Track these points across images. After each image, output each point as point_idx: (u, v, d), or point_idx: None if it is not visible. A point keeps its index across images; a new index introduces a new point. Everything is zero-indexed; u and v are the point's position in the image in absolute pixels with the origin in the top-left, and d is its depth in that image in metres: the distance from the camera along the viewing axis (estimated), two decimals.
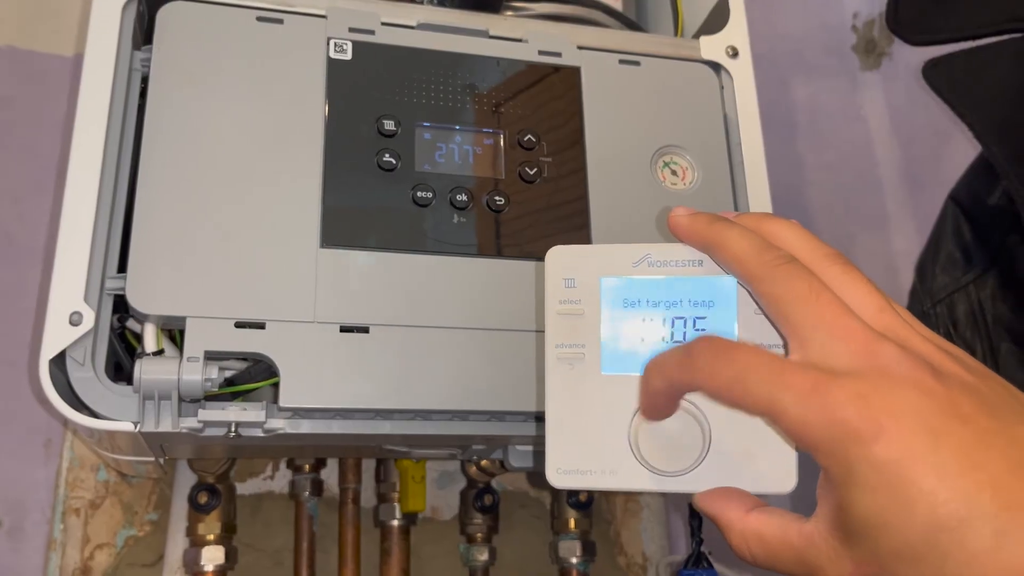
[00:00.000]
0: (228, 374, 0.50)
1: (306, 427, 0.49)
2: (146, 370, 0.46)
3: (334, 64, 0.54)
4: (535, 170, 0.55)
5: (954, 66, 0.61)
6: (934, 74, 0.61)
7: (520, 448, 0.56)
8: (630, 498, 0.84)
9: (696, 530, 0.61)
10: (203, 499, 0.67)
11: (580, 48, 0.59)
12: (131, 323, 0.51)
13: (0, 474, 0.75)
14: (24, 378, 0.76)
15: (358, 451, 0.72)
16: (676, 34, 0.67)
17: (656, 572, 0.82)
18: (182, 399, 0.47)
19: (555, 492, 0.77)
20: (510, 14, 0.63)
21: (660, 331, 0.35)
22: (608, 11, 0.65)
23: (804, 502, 0.32)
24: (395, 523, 0.73)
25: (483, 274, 0.52)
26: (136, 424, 0.46)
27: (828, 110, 1.05)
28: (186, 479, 0.71)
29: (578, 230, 0.54)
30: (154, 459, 0.57)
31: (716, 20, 0.64)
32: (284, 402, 0.47)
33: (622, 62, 0.60)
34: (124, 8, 0.52)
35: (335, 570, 0.73)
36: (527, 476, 0.80)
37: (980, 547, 0.25)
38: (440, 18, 0.58)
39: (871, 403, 0.27)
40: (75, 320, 0.46)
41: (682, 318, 0.35)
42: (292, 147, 0.51)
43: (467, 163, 0.54)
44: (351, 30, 0.55)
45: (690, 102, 0.60)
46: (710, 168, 0.58)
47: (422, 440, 0.53)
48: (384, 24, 0.56)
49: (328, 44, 0.54)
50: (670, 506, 0.86)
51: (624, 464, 0.35)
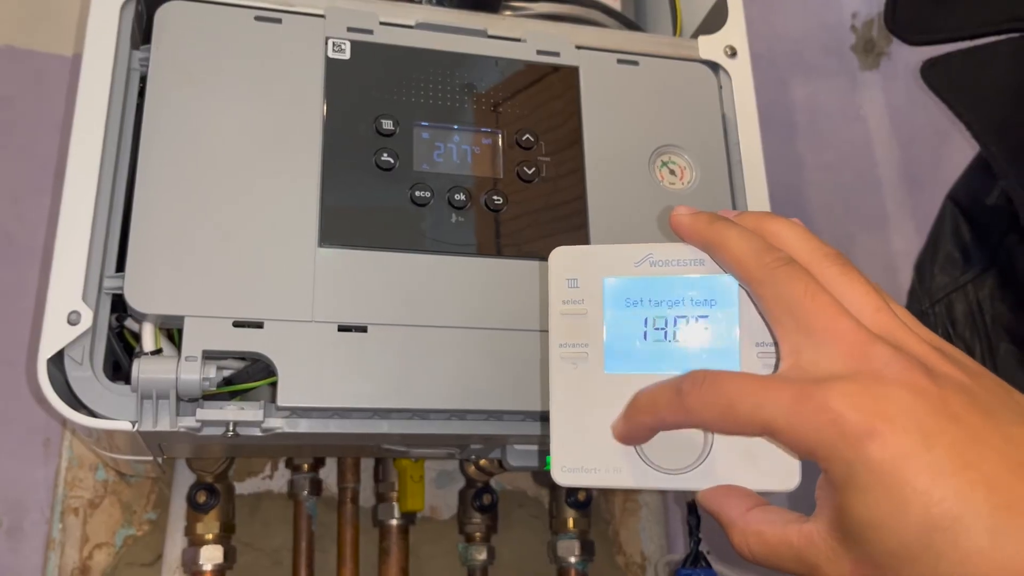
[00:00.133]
0: (226, 373, 0.50)
1: (304, 426, 0.49)
2: (144, 369, 0.46)
3: (332, 64, 0.54)
4: (533, 170, 0.55)
5: (952, 66, 0.61)
6: (933, 74, 0.61)
7: (518, 447, 0.56)
8: (628, 497, 0.84)
9: (694, 529, 0.61)
10: (202, 498, 0.67)
11: (578, 48, 0.59)
12: (129, 322, 0.51)
13: (0, 473, 0.75)
14: (23, 378, 0.76)
15: (357, 450, 0.72)
16: (675, 34, 0.67)
17: (654, 571, 0.82)
18: (180, 398, 0.47)
19: (554, 491, 0.77)
20: (508, 14, 0.63)
21: (662, 331, 0.35)
22: (607, 11, 0.65)
23: (805, 502, 0.32)
24: (394, 522, 0.73)
25: (481, 274, 0.52)
26: (134, 423, 0.46)
27: (827, 110, 1.05)
28: (185, 478, 0.71)
29: (577, 230, 0.54)
30: (152, 458, 0.57)
31: (714, 20, 0.64)
32: (282, 401, 0.47)
33: (620, 62, 0.60)
34: (123, 8, 0.52)
35: (334, 569, 0.73)
36: (532, 474, 0.80)
37: (974, 546, 0.25)
38: (438, 18, 0.58)
39: (863, 405, 0.27)
40: (73, 319, 0.46)
41: (684, 317, 0.35)
42: (290, 146, 0.51)
43: (465, 163, 0.54)
44: (349, 30, 0.55)
45: (689, 102, 0.60)
46: (708, 168, 0.58)
47: (420, 439, 0.53)
48: (382, 24, 0.56)
49: (326, 44, 0.54)
50: (669, 505, 0.86)
51: (628, 462, 0.35)
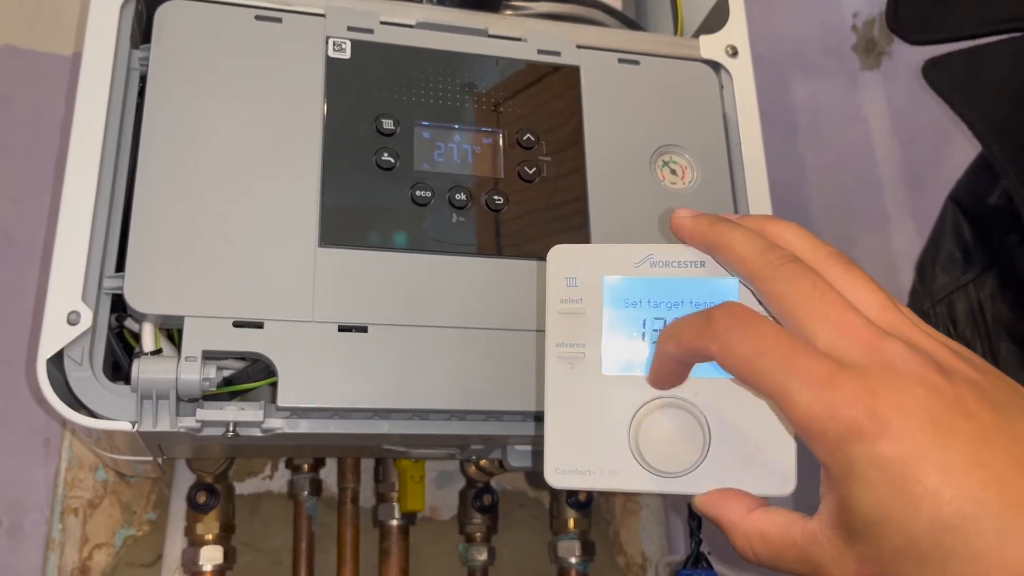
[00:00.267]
0: (226, 373, 0.49)
1: (304, 427, 0.49)
2: (144, 369, 0.46)
3: (333, 63, 0.54)
4: (534, 169, 0.55)
5: (954, 65, 0.61)
6: (934, 73, 0.61)
7: (519, 448, 0.56)
8: (629, 498, 0.84)
9: (695, 530, 0.60)
10: (202, 499, 0.67)
11: (579, 47, 0.59)
12: (129, 322, 0.51)
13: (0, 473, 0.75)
14: (22, 378, 0.76)
15: (357, 451, 0.72)
16: (676, 33, 0.67)
17: (655, 572, 0.82)
18: (180, 399, 0.47)
19: (554, 492, 0.77)
20: (509, 13, 0.63)
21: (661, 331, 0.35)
22: (607, 10, 0.65)
23: (805, 502, 0.32)
24: (394, 523, 0.72)
25: (482, 273, 0.52)
26: (134, 424, 0.46)
27: (828, 110, 1.05)
28: (185, 479, 0.71)
29: (577, 229, 0.54)
30: (152, 459, 0.57)
31: (716, 19, 0.64)
32: (282, 402, 0.47)
33: (621, 61, 0.59)
34: (122, 7, 0.52)
35: (334, 570, 0.72)
36: (526, 476, 0.80)
37: (984, 545, 0.25)
38: (439, 17, 0.58)
39: (878, 399, 0.27)
40: (73, 319, 0.46)
41: None
42: (291, 146, 0.51)
43: (466, 162, 0.54)
44: (350, 29, 0.55)
45: (690, 101, 0.60)
46: (709, 168, 0.58)
47: (420, 440, 0.53)
48: (383, 23, 0.56)
49: (327, 43, 0.54)
50: (669, 506, 0.86)
51: (623, 464, 0.35)
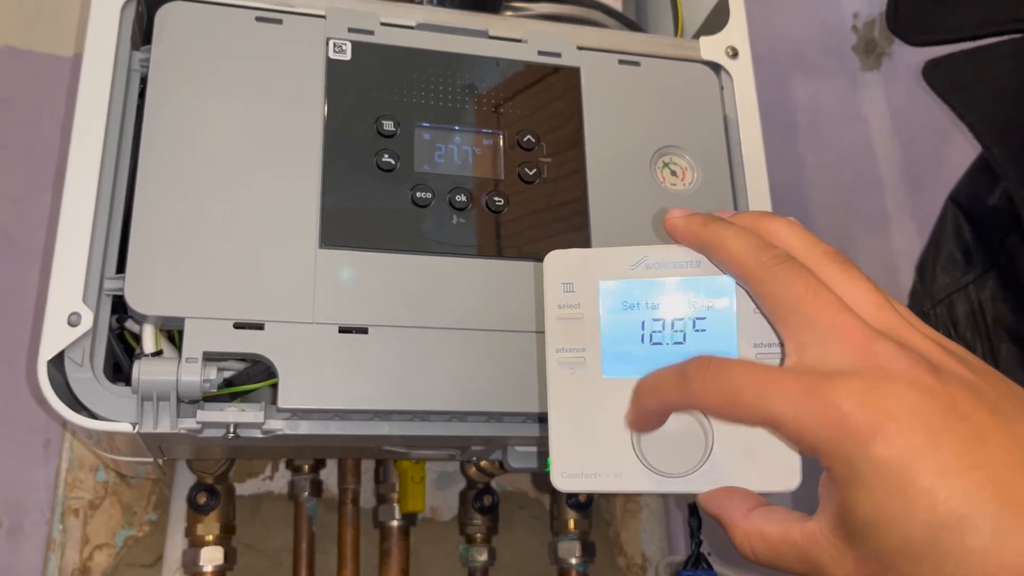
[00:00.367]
0: (227, 375, 0.50)
1: (304, 428, 0.49)
2: (145, 371, 0.46)
3: (333, 64, 0.54)
4: (534, 171, 0.55)
5: (954, 66, 0.60)
6: (934, 74, 0.61)
7: (519, 449, 0.56)
8: (629, 499, 0.84)
9: (695, 531, 0.60)
10: (202, 499, 0.67)
11: (580, 48, 0.59)
12: (130, 324, 0.51)
13: (0, 474, 0.74)
14: (23, 378, 0.76)
15: (358, 452, 0.72)
16: (676, 34, 0.67)
17: (655, 573, 0.82)
18: (181, 400, 0.47)
19: (554, 493, 0.77)
20: (509, 14, 0.63)
21: (660, 333, 0.35)
22: (608, 11, 0.65)
23: (806, 501, 0.32)
24: (394, 524, 0.72)
25: (482, 275, 0.52)
26: (135, 425, 0.46)
27: (828, 110, 1.05)
28: (185, 479, 0.71)
29: (578, 231, 0.54)
30: (153, 460, 0.57)
31: (716, 20, 0.64)
32: (283, 403, 0.47)
33: (622, 62, 0.59)
34: (123, 8, 0.52)
35: (334, 570, 0.72)
36: (532, 477, 0.80)
37: (980, 545, 0.25)
38: (439, 18, 0.58)
39: (869, 402, 0.27)
40: (74, 321, 0.46)
41: (681, 319, 0.35)
42: (291, 147, 0.51)
43: (466, 164, 0.54)
44: (350, 30, 0.55)
45: (690, 102, 0.60)
46: (710, 168, 0.58)
47: (421, 441, 0.53)
48: (383, 24, 0.56)
49: (327, 44, 0.54)
50: (670, 507, 0.86)
51: (628, 466, 0.35)
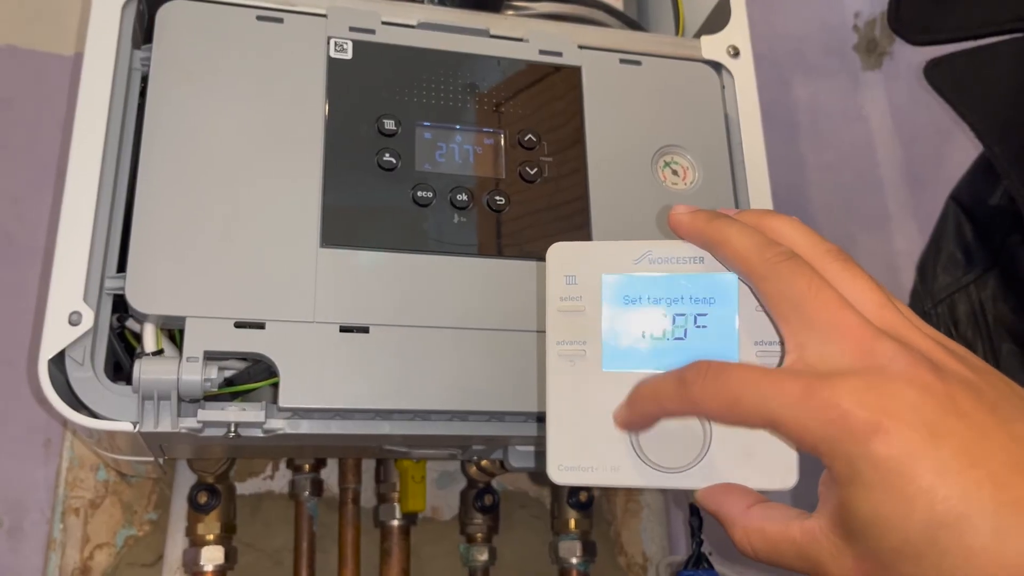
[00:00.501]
0: (227, 374, 0.49)
1: (305, 427, 0.49)
2: (145, 370, 0.46)
3: (334, 63, 0.54)
4: (536, 170, 0.55)
5: (956, 66, 0.60)
6: (936, 74, 0.61)
7: (520, 448, 0.56)
8: (630, 498, 0.84)
9: (696, 530, 0.60)
10: (203, 499, 0.67)
11: (581, 47, 0.59)
12: (130, 323, 0.51)
13: (0, 473, 0.74)
14: (23, 378, 0.76)
15: (358, 451, 0.72)
16: (677, 33, 0.67)
17: (656, 572, 0.82)
18: (181, 399, 0.47)
19: (555, 492, 0.77)
20: (511, 13, 0.63)
21: (661, 328, 0.35)
22: (609, 10, 0.65)
23: (806, 500, 0.32)
24: (395, 523, 0.72)
25: (483, 274, 0.52)
26: (135, 424, 0.46)
27: (829, 110, 1.05)
28: (186, 479, 0.71)
29: (579, 230, 0.54)
30: (153, 459, 0.57)
31: (717, 19, 0.64)
32: (284, 402, 0.47)
33: (623, 61, 0.59)
34: (124, 7, 0.52)
35: (335, 570, 0.72)
36: (529, 474, 0.80)
37: (979, 544, 0.25)
38: (441, 17, 0.58)
39: (869, 401, 0.27)
40: (74, 320, 0.46)
41: (683, 315, 0.35)
42: (292, 146, 0.51)
43: (467, 163, 0.54)
44: (351, 29, 0.55)
45: (691, 102, 0.60)
46: (711, 168, 0.58)
47: (422, 440, 0.53)
48: (384, 23, 0.56)
49: (328, 43, 0.54)
50: (670, 506, 0.86)
51: (625, 461, 0.35)
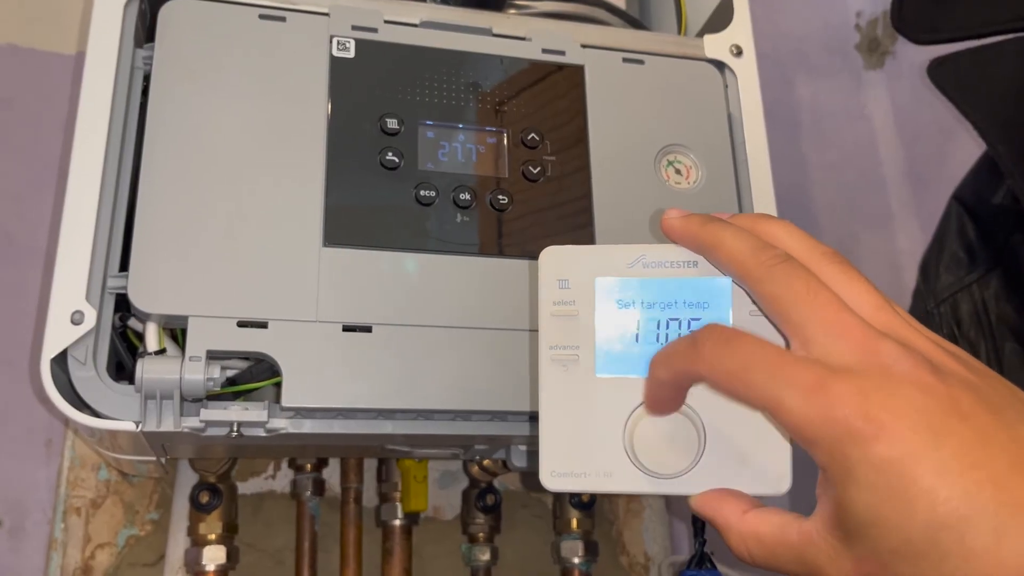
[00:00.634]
0: (230, 373, 0.49)
1: (308, 427, 0.49)
2: (148, 369, 0.46)
3: (337, 62, 0.54)
4: (539, 169, 0.55)
5: (960, 64, 0.60)
6: (940, 73, 0.61)
7: (522, 448, 0.56)
8: (632, 498, 0.84)
9: (699, 530, 0.60)
10: (204, 498, 0.67)
11: (584, 46, 0.59)
12: (133, 322, 0.51)
13: (1, 473, 0.74)
14: (25, 377, 0.76)
15: (360, 450, 0.71)
16: (680, 32, 0.67)
17: (658, 572, 0.82)
18: (184, 399, 0.47)
19: (557, 492, 0.77)
20: (513, 12, 0.63)
21: (655, 333, 0.35)
22: (612, 9, 0.65)
23: (803, 502, 0.32)
24: (397, 523, 0.72)
25: (486, 273, 0.52)
26: (138, 424, 0.46)
27: (831, 109, 1.05)
28: (187, 478, 0.71)
29: (582, 229, 0.54)
30: (155, 458, 0.57)
31: (720, 18, 0.64)
32: (286, 402, 0.47)
33: (626, 60, 0.59)
34: (126, 6, 0.52)
35: (337, 570, 0.72)
36: (521, 479, 0.80)
37: (980, 545, 0.25)
38: (443, 16, 0.57)
39: (871, 401, 0.27)
40: (77, 319, 0.46)
41: (677, 319, 0.35)
42: (295, 145, 0.51)
43: (470, 162, 0.54)
44: (354, 28, 0.55)
45: (694, 101, 0.60)
46: (714, 167, 0.58)
47: (424, 440, 0.53)
48: (387, 22, 0.56)
49: (331, 42, 0.54)
50: (672, 506, 0.86)
51: (619, 466, 0.35)
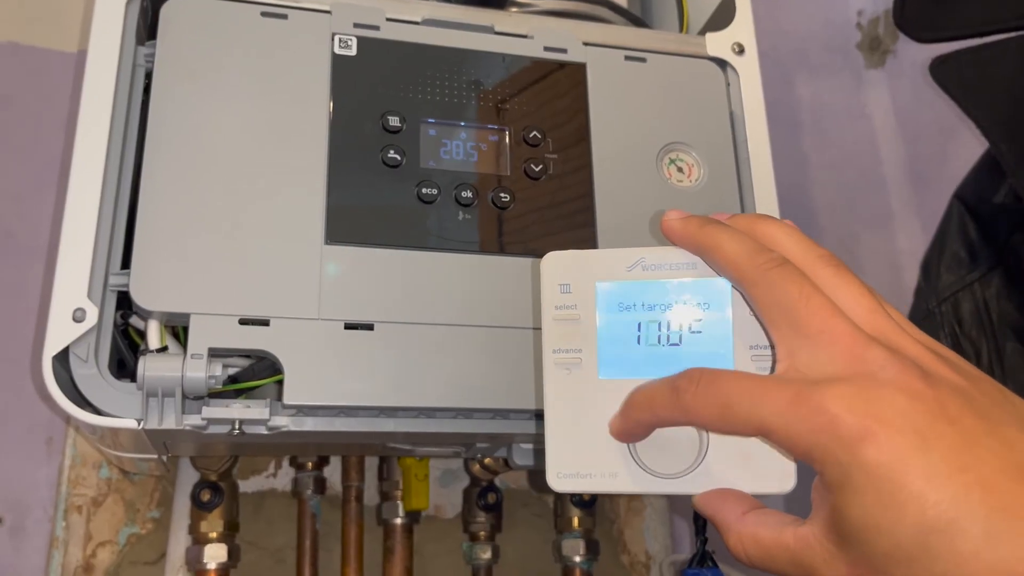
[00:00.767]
0: (232, 371, 0.49)
1: (310, 424, 0.49)
2: (150, 367, 0.46)
3: (339, 60, 0.54)
4: (541, 167, 0.55)
5: (962, 63, 0.60)
6: (942, 71, 0.61)
7: (524, 446, 0.56)
8: (633, 497, 0.84)
9: (700, 529, 0.60)
10: (206, 497, 0.67)
11: (586, 44, 0.59)
12: (135, 320, 0.51)
13: (1, 472, 0.74)
14: (26, 375, 0.76)
15: (362, 449, 0.71)
16: (682, 30, 0.67)
17: (660, 571, 0.82)
18: (186, 396, 0.47)
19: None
20: (515, 10, 0.63)
21: (656, 335, 0.35)
22: (614, 7, 0.65)
23: (802, 504, 0.32)
24: (398, 521, 0.72)
25: (488, 271, 0.52)
26: (139, 421, 0.46)
27: (832, 108, 1.05)
28: (189, 476, 0.71)
29: (583, 227, 0.54)
30: (157, 456, 0.57)
31: (722, 17, 0.64)
32: (288, 399, 0.47)
33: (628, 58, 0.59)
34: (128, 4, 0.52)
35: (338, 568, 0.72)
36: (527, 478, 0.80)
37: (970, 548, 0.25)
38: (445, 14, 0.57)
39: (858, 407, 0.27)
40: (78, 317, 0.46)
41: (677, 321, 0.35)
42: (296, 143, 0.51)
43: (472, 160, 0.54)
44: (356, 26, 0.55)
45: (696, 99, 0.60)
46: (716, 165, 0.58)
47: (426, 438, 0.53)
48: (389, 20, 0.56)
49: (333, 40, 0.54)
50: (674, 504, 0.86)
51: (623, 467, 0.35)
